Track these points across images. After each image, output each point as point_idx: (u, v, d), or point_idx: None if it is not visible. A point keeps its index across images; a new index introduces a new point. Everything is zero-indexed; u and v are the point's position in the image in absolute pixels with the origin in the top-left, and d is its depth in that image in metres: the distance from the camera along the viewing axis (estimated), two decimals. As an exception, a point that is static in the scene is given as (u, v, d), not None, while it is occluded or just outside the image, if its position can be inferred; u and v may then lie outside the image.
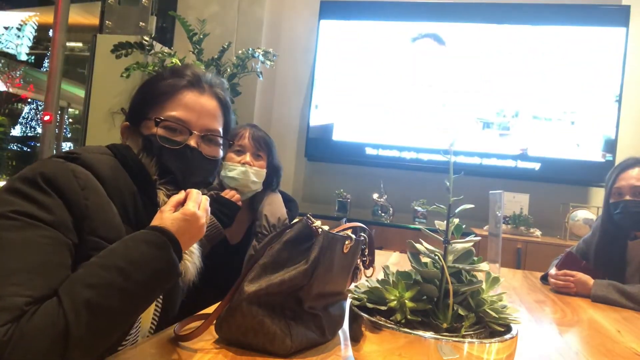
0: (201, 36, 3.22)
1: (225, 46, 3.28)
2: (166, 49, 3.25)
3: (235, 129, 1.57)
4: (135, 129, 0.89)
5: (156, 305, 0.88)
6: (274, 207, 1.54)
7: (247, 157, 1.50)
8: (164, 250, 0.71)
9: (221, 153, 0.94)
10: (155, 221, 0.76)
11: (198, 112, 0.88)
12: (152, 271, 0.69)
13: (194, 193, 0.81)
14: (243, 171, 1.48)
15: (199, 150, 0.88)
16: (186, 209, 0.77)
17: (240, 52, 3.24)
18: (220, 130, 0.93)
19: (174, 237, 0.73)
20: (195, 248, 0.91)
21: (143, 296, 0.69)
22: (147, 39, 3.19)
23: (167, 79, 0.90)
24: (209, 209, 0.84)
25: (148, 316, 0.86)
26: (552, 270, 1.67)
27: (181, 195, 0.81)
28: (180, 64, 3.13)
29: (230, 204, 1.45)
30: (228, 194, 1.46)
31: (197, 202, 0.80)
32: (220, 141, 0.93)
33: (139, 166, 0.84)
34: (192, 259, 0.89)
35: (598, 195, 3.37)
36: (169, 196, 0.84)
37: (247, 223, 1.57)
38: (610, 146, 3.22)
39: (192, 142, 0.87)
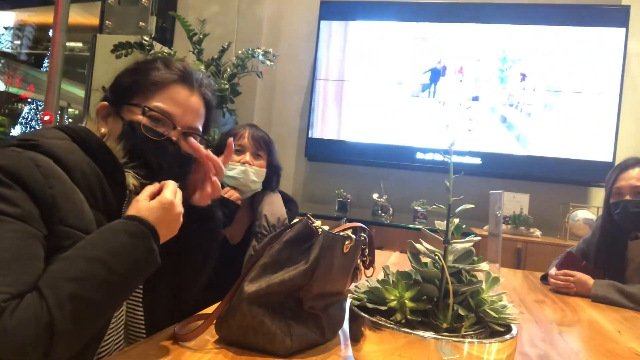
0: (201, 36, 3.22)
1: (225, 46, 3.28)
2: (166, 49, 3.25)
3: (235, 129, 1.58)
4: (115, 111, 0.88)
5: (136, 294, 0.88)
6: (274, 207, 1.54)
7: (247, 157, 1.51)
8: (144, 240, 0.71)
9: None
10: (132, 210, 0.75)
11: (184, 109, 0.89)
12: (134, 261, 0.69)
13: (170, 183, 0.81)
14: (243, 170, 1.48)
15: (179, 145, 0.88)
16: (163, 197, 0.77)
17: (240, 52, 3.24)
18: (200, 129, 0.93)
19: (153, 226, 0.73)
20: None
21: (124, 286, 0.70)
22: (147, 39, 3.19)
23: (159, 69, 0.90)
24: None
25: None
26: (552, 270, 1.67)
27: (156, 186, 0.80)
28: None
29: (230, 203, 1.44)
30: (227, 192, 1.46)
31: (174, 192, 0.79)
32: (198, 140, 0.92)
33: (104, 149, 0.82)
34: None
35: (598, 195, 3.37)
36: (139, 180, 0.83)
37: (246, 223, 1.56)
38: (610, 146, 3.22)
39: (174, 137, 0.87)
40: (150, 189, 0.79)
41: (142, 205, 0.75)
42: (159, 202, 0.76)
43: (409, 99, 3.54)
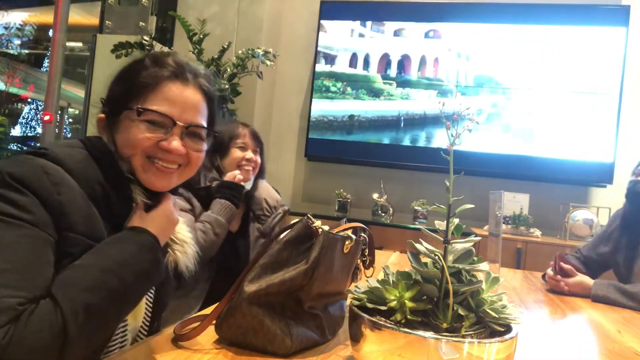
0: (201, 36, 3.22)
1: (225, 46, 3.27)
2: (166, 49, 3.25)
3: (234, 129, 1.69)
4: (113, 122, 0.84)
5: (147, 299, 0.88)
6: (270, 192, 1.76)
7: (250, 153, 1.67)
8: (152, 252, 0.73)
9: (205, 146, 0.89)
10: (137, 221, 0.77)
11: (181, 106, 0.83)
12: (143, 273, 0.71)
13: (168, 195, 0.83)
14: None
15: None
16: (166, 208, 0.80)
17: (240, 52, 3.24)
18: (205, 124, 0.88)
19: (156, 237, 0.75)
20: (188, 237, 0.91)
21: (134, 297, 0.72)
22: (147, 39, 3.19)
23: (148, 68, 0.84)
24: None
25: (140, 311, 0.86)
26: (549, 270, 1.66)
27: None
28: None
29: (236, 185, 1.59)
30: (230, 176, 1.60)
31: (172, 200, 0.82)
32: (204, 134, 0.88)
33: (110, 159, 0.80)
34: (183, 249, 0.89)
35: (598, 195, 3.38)
36: (143, 195, 0.82)
37: (242, 211, 1.70)
38: (610, 146, 3.21)
39: (176, 136, 0.83)
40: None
41: (149, 215, 0.78)
42: (162, 211, 0.79)
43: (409, 98, 3.54)
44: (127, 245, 0.71)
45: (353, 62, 3.67)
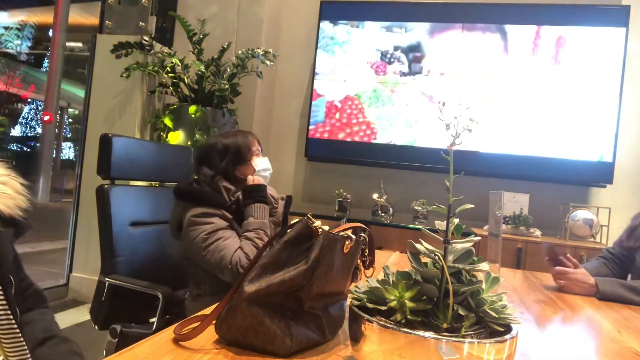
0: (201, 36, 3.22)
1: (225, 46, 3.28)
2: (166, 49, 3.25)
3: (248, 139, 1.71)
4: None
5: None
6: (270, 187, 1.78)
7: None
8: None
9: None
10: None
11: None
12: None
13: None
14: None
15: None
16: None
17: (240, 52, 3.24)
18: None
19: None
20: (5, 177, 0.82)
21: None
22: (147, 39, 3.19)
23: None
24: None
25: None
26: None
27: None
28: (180, 64, 3.13)
29: (259, 186, 1.62)
30: (249, 180, 1.64)
31: None
32: None
33: None
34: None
35: (598, 195, 3.38)
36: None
37: None
38: (610, 146, 3.22)
39: None
40: None
41: None
42: None
43: (409, 98, 3.54)
44: None
45: (353, 61, 3.67)
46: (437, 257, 0.60)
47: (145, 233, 1.74)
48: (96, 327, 1.58)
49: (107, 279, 1.56)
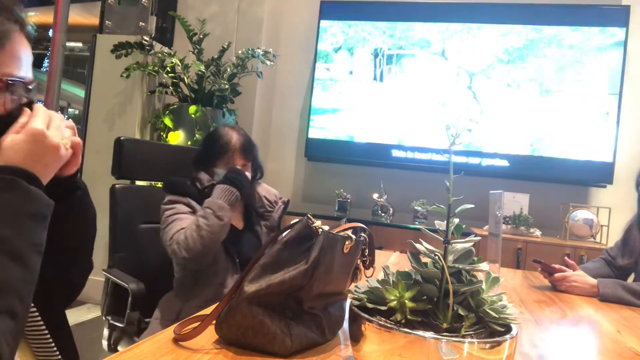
0: (201, 36, 3.22)
1: (225, 46, 3.28)
2: (166, 49, 3.25)
3: (227, 140, 1.66)
4: None
5: None
6: (268, 189, 1.78)
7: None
8: (12, 190, 0.60)
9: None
10: None
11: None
12: (15, 216, 0.59)
13: (40, 109, 0.69)
14: None
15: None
16: (30, 128, 0.66)
17: (240, 52, 3.24)
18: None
19: (18, 168, 0.62)
20: None
21: (30, 249, 0.61)
22: (147, 39, 3.19)
23: None
24: (69, 131, 0.74)
25: None
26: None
27: (24, 118, 0.68)
28: (180, 64, 3.13)
29: (239, 170, 1.60)
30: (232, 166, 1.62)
31: (45, 119, 0.68)
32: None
33: None
34: None
35: (598, 195, 3.38)
36: None
37: (241, 209, 1.71)
38: (610, 146, 3.22)
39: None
40: (21, 121, 0.67)
41: (7, 143, 0.65)
42: (24, 134, 0.65)
43: (409, 98, 3.54)
44: None
45: (353, 61, 3.67)
46: (437, 257, 0.60)
47: (156, 231, 1.77)
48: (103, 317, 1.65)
49: (102, 271, 1.61)
